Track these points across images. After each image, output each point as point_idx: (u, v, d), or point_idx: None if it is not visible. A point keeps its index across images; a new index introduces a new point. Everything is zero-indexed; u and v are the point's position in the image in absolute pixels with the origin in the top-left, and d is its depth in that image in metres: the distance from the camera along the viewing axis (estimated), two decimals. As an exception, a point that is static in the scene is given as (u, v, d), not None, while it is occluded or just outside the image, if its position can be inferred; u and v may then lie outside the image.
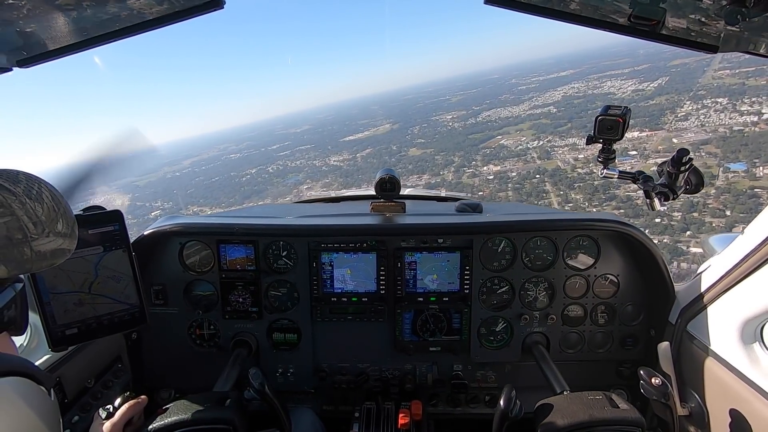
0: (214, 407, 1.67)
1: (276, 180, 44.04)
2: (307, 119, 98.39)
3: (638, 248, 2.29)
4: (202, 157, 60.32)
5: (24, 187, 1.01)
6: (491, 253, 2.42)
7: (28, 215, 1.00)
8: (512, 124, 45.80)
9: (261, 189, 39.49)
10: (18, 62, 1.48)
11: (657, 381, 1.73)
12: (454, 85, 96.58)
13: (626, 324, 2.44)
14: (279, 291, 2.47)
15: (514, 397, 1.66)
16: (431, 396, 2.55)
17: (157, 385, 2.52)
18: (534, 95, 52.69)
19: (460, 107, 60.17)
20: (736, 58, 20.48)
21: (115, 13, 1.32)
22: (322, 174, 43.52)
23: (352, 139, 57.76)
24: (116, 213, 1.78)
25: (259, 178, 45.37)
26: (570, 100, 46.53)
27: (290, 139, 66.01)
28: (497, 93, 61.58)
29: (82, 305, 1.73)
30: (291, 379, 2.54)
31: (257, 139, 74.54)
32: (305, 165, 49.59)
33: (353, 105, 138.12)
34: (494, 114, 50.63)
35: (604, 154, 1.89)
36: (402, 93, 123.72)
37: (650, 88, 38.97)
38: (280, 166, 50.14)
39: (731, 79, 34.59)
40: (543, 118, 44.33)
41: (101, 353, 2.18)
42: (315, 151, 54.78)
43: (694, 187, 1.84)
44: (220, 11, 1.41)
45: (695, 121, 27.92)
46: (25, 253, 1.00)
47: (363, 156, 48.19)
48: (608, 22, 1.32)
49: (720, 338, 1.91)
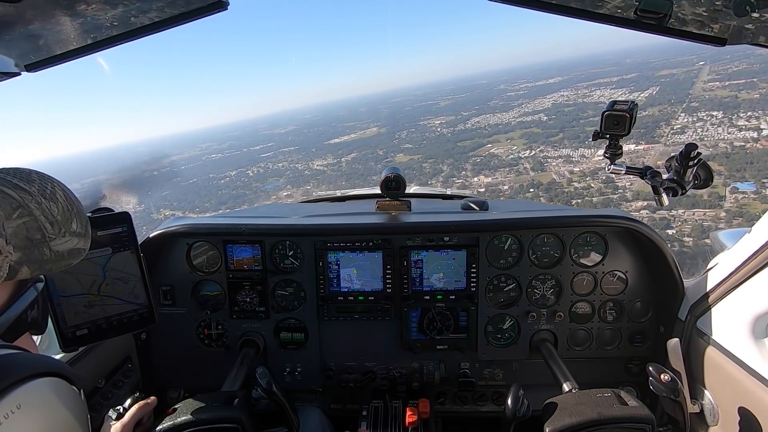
0: (222, 407, 1.68)
1: (255, 184, 42.37)
2: (292, 119, 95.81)
3: (646, 244, 2.27)
4: (183, 156, 57.82)
5: (39, 187, 1.00)
6: (498, 251, 2.41)
7: (44, 215, 0.99)
8: (502, 131, 44.46)
9: (238, 194, 38.05)
10: (27, 66, 1.50)
11: (666, 377, 1.71)
12: (443, 89, 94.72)
13: (635, 321, 2.42)
14: (286, 290, 2.48)
15: (522, 397, 1.66)
16: (438, 394, 2.55)
17: (166, 384, 2.54)
18: (523, 101, 51.52)
19: (448, 112, 58.91)
20: (724, 70, 19.65)
21: (121, 17, 1.33)
22: (303, 179, 42.05)
23: (337, 142, 56.27)
24: (124, 215, 1.79)
25: (238, 182, 43.64)
26: (560, 108, 45.22)
27: (274, 140, 64.22)
28: (486, 98, 60.36)
29: (92, 307, 1.75)
30: (299, 379, 2.55)
31: (240, 139, 72.40)
32: (287, 168, 47.99)
33: (341, 106, 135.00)
34: (483, 120, 49.35)
35: (611, 150, 1.87)
36: (390, 95, 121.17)
37: (641, 98, 37.74)
38: (261, 168, 48.35)
39: (722, 91, 33.31)
40: (534, 127, 42.93)
41: (111, 354, 2.20)
42: (299, 154, 53.24)
43: (702, 182, 1.82)
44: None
45: (693, 135, 26.94)
46: (45, 253, 0.99)
47: (347, 161, 46.56)
48: (614, 16, 1.31)
49: (730, 334, 1.89)
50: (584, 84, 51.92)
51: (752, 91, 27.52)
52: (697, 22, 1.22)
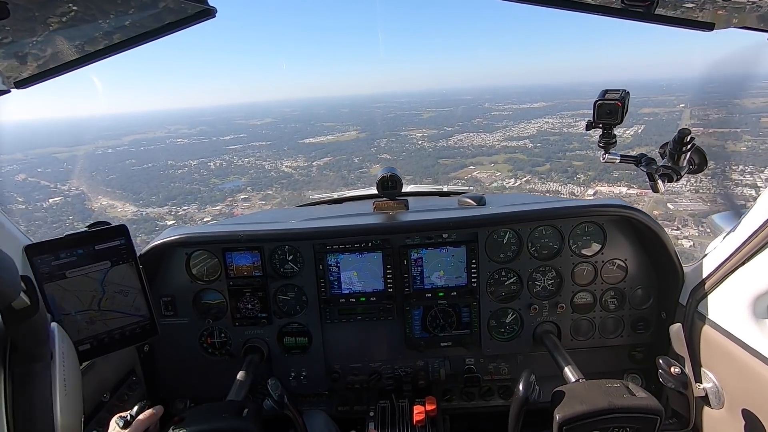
0: (233, 418, 1.67)
1: (213, 180, 37.43)
2: (270, 111, 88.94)
3: (644, 231, 2.28)
4: (147, 136, 51.63)
5: None
6: (497, 245, 2.42)
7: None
8: (486, 153, 41.97)
9: (191, 190, 33.12)
10: (16, 83, 1.49)
11: (677, 370, 1.71)
12: (427, 99, 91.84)
13: (636, 308, 2.43)
14: (287, 295, 2.47)
15: (533, 382, 1.65)
16: (445, 391, 2.55)
17: (171, 395, 2.53)
18: (507, 124, 49.36)
19: (431, 125, 55.91)
20: (705, 115, 18.42)
21: (108, 30, 1.33)
22: (266, 182, 37.38)
23: (312, 142, 52.11)
24: (121, 228, 1.79)
25: (195, 174, 38.29)
26: (546, 136, 42.90)
27: (247, 132, 58.43)
28: (470, 116, 57.78)
29: (94, 323, 1.75)
30: (304, 383, 2.55)
31: (213, 126, 66.07)
32: (253, 166, 42.68)
33: (322, 104, 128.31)
34: (466, 139, 46.68)
35: (605, 139, 1.88)
36: (374, 99, 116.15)
37: (627, 134, 35.03)
38: (224, 162, 43.14)
39: (708, 138, 30.23)
40: (519, 153, 40.42)
41: (115, 367, 2.19)
42: (269, 150, 47.94)
43: (697, 166, 1.83)
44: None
45: (687, 185, 24.99)
46: None
47: (319, 165, 42.40)
48: (601, 6, 1.31)
49: (732, 316, 1.90)
50: (568, 113, 49.67)
51: (738, 142, 25.62)
52: (684, 9, 1.22)
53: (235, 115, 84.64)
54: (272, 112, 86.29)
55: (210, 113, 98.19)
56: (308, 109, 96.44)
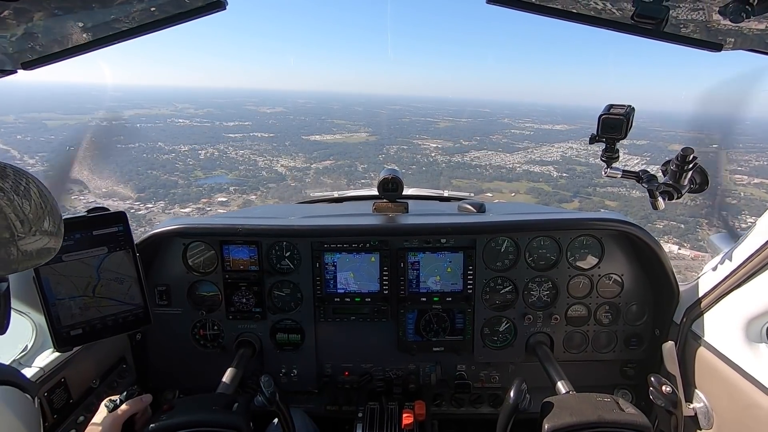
0: (222, 411, 1.66)
1: (197, 173, 33.38)
2: (283, 100, 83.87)
3: (642, 248, 2.28)
4: (150, 112, 47.02)
5: (12, 183, 0.96)
6: (494, 253, 2.42)
7: (15, 213, 0.94)
8: (506, 178, 37.61)
9: (168, 182, 29.47)
10: (23, 64, 1.49)
11: (668, 389, 1.71)
12: (445, 108, 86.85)
13: (630, 324, 2.43)
14: (282, 291, 2.47)
15: (525, 390, 1.65)
16: (435, 396, 2.55)
17: (161, 385, 2.52)
18: (529, 145, 45.29)
19: (447, 136, 51.70)
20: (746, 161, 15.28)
21: (118, 16, 1.33)
22: (254, 182, 33.60)
23: (318, 140, 47.87)
24: (121, 214, 1.79)
25: (179, 163, 34.19)
26: (571, 165, 38.48)
27: (254, 119, 53.65)
28: (489, 131, 53.48)
29: (88, 309, 1.75)
30: (294, 380, 2.54)
31: (222, 108, 60.50)
32: (245, 160, 38.72)
33: (337, 99, 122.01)
34: (485, 158, 42.51)
35: (608, 154, 1.88)
36: (390, 101, 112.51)
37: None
38: (217, 151, 39.28)
39: (756, 190, 22.40)
40: (543, 181, 35.86)
41: (106, 354, 2.19)
42: (269, 144, 43.57)
43: (698, 186, 1.83)
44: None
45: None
46: (12, 253, 0.95)
47: (318, 169, 38.34)
48: (611, 20, 1.32)
49: (725, 338, 1.90)
50: (593, 141, 47.13)
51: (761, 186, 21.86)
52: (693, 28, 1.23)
53: (247, 99, 79.00)
54: (285, 101, 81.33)
55: (223, 95, 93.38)
56: (322, 102, 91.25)
